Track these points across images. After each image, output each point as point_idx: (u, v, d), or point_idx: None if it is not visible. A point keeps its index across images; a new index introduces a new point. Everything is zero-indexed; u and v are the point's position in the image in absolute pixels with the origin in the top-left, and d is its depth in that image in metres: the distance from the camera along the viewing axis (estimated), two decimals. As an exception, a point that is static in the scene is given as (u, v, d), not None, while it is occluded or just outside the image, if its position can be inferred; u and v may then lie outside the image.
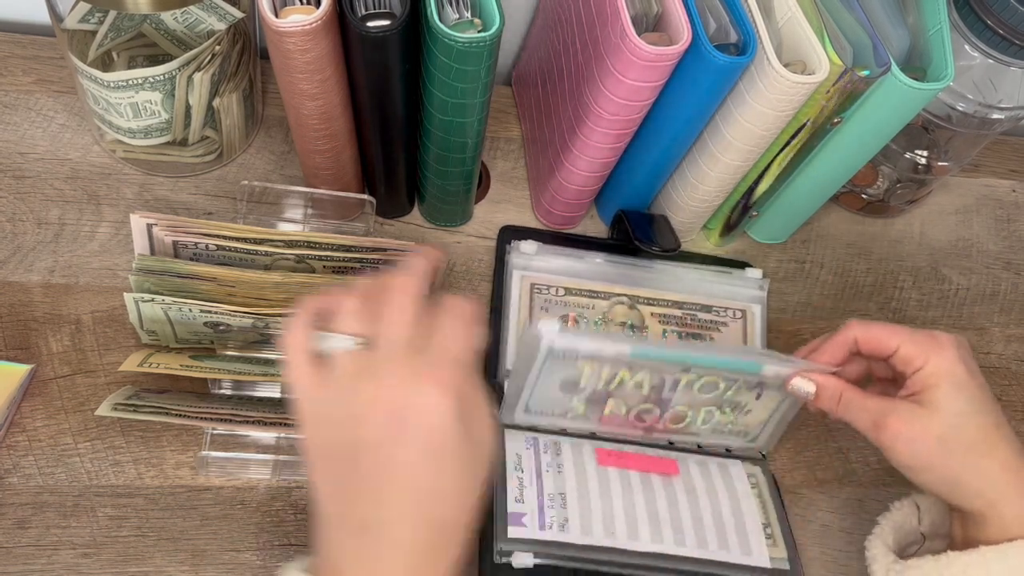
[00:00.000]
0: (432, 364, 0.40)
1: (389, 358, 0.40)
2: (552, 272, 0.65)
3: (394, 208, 0.68)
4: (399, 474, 0.40)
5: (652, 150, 0.61)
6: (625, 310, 0.64)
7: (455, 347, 0.41)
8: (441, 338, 0.41)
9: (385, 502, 0.40)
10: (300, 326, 0.42)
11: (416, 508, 0.40)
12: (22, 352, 0.58)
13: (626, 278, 0.65)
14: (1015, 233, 0.79)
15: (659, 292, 0.65)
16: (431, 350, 0.41)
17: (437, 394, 0.39)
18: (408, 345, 0.41)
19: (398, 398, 0.40)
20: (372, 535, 0.40)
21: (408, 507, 0.40)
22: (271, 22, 0.47)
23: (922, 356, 0.50)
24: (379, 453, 0.40)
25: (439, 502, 0.40)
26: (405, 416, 0.39)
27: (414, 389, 0.40)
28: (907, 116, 0.58)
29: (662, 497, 0.57)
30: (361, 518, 0.40)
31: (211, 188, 0.66)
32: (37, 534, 0.53)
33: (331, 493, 0.41)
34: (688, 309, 0.65)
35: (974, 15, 0.59)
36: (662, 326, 0.64)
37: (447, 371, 0.40)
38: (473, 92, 0.51)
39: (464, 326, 0.42)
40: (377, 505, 0.40)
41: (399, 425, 0.39)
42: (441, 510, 0.41)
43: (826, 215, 0.76)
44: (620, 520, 0.56)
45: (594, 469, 0.58)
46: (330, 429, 0.41)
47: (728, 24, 0.53)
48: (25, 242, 0.62)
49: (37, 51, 0.69)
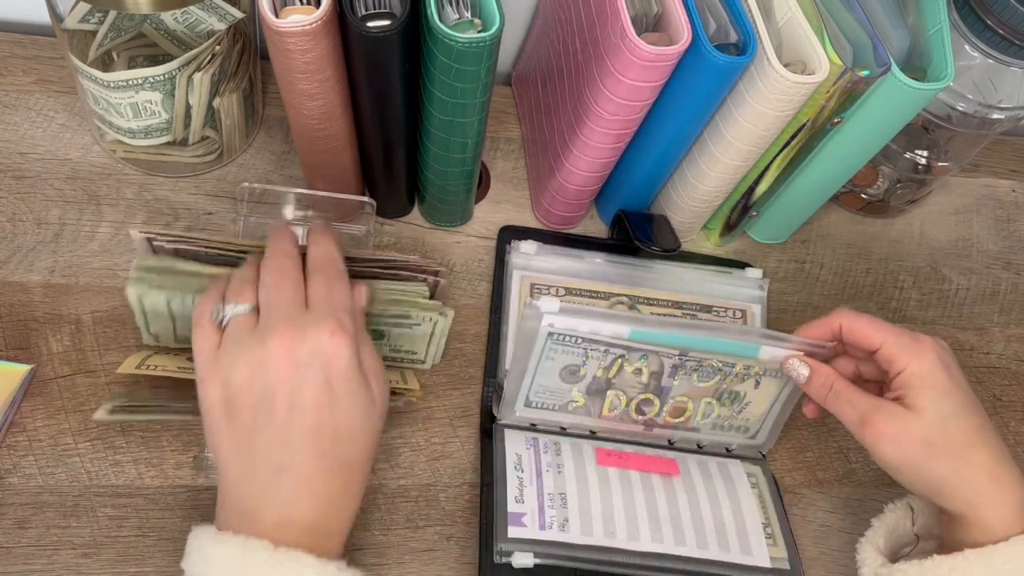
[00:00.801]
0: (319, 316, 0.45)
1: (281, 316, 0.45)
2: (552, 272, 0.65)
3: (394, 208, 0.68)
4: (305, 415, 0.44)
5: (652, 150, 0.61)
6: (625, 310, 0.64)
7: (337, 299, 0.46)
8: (325, 293, 0.46)
9: (295, 442, 0.44)
10: (207, 300, 0.47)
11: (321, 445, 0.44)
12: (22, 352, 0.58)
13: (626, 278, 0.65)
14: (1015, 233, 0.79)
15: (659, 292, 0.65)
16: (317, 305, 0.46)
17: (328, 341, 0.44)
18: (295, 304, 0.46)
19: (296, 347, 0.44)
20: (287, 474, 0.44)
21: (315, 445, 0.44)
22: (271, 22, 0.47)
23: (904, 358, 0.51)
24: (285, 398, 0.44)
25: (342, 441, 0.44)
26: (304, 361, 0.44)
27: (308, 336, 0.44)
28: (907, 116, 0.58)
29: (662, 497, 0.57)
30: (277, 461, 0.44)
31: (211, 188, 0.66)
32: (37, 534, 0.53)
33: (239, 446, 0.44)
34: (688, 309, 0.65)
35: (974, 15, 0.59)
36: None
37: (333, 320, 0.45)
38: (473, 92, 0.51)
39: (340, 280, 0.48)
40: (288, 445, 0.44)
41: (299, 370, 0.44)
42: (344, 448, 0.45)
43: (826, 215, 0.76)
44: (620, 520, 0.56)
45: (594, 469, 0.58)
46: (234, 386, 0.44)
47: (728, 24, 0.53)
48: (25, 242, 0.62)
49: (37, 51, 0.69)
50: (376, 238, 0.67)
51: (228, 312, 0.46)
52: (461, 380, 0.63)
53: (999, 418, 0.70)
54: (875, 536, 0.53)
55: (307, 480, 0.44)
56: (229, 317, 0.46)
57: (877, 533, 0.54)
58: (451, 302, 0.66)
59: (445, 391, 0.62)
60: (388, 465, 0.59)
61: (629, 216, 0.67)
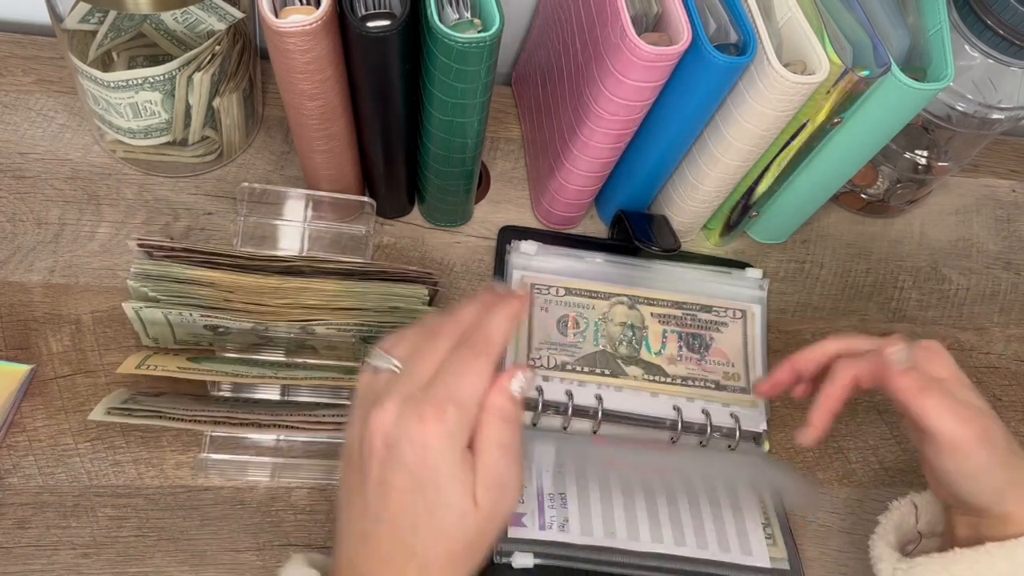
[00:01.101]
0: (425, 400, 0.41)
1: (398, 387, 0.42)
2: (552, 272, 0.65)
3: (394, 208, 0.68)
4: (389, 496, 0.42)
5: (652, 150, 0.61)
6: (625, 310, 0.64)
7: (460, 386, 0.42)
8: (451, 375, 0.42)
9: (379, 519, 0.42)
10: (383, 343, 0.46)
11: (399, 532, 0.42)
12: (22, 352, 0.58)
13: (626, 278, 0.66)
14: (1015, 233, 0.79)
15: (659, 292, 0.65)
16: (434, 385, 0.42)
17: (418, 428, 0.41)
18: (416, 379, 0.42)
19: (393, 428, 0.41)
20: (369, 547, 0.42)
21: (392, 529, 0.42)
22: (271, 22, 0.47)
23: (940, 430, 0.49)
24: (377, 472, 0.42)
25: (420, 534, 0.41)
26: (394, 442, 0.41)
27: (404, 417, 0.41)
28: (907, 116, 0.58)
29: (662, 497, 0.57)
30: (362, 529, 0.42)
31: (211, 188, 0.66)
32: (37, 534, 0.53)
33: (347, 495, 0.44)
34: (688, 309, 0.65)
35: (974, 15, 0.59)
36: (662, 326, 0.64)
37: (435, 408, 0.41)
38: (473, 92, 0.51)
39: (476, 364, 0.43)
40: (373, 519, 0.42)
41: (390, 450, 0.41)
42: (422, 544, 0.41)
43: (826, 215, 0.76)
44: (620, 520, 0.56)
45: (596, 468, 0.58)
46: (352, 437, 0.44)
47: (728, 24, 0.53)
48: (25, 242, 0.62)
49: (37, 51, 0.69)
50: (376, 238, 0.67)
51: (378, 362, 0.45)
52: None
53: (999, 418, 0.70)
54: (885, 532, 0.54)
55: (380, 556, 0.42)
56: (378, 367, 0.45)
57: (887, 529, 0.54)
58: (451, 303, 0.66)
59: (445, 391, 0.62)
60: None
61: (629, 216, 0.67)
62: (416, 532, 0.41)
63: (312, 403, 0.58)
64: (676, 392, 0.62)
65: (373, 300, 0.55)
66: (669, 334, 0.64)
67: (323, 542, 0.56)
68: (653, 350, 0.63)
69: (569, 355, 0.62)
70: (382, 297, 0.55)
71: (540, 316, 0.62)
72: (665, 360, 0.63)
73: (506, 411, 0.43)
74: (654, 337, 0.64)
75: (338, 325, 0.54)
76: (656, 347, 0.63)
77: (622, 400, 0.61)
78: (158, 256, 0.55)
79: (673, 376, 0.63)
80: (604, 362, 0.62)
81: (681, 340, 0.64)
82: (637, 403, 0.62)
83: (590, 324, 0.64)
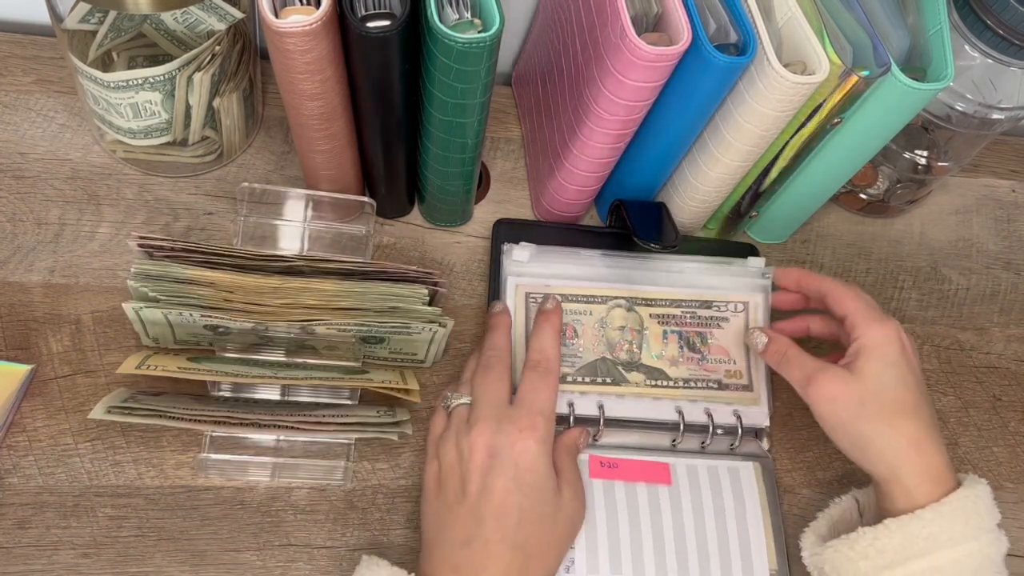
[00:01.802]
0: (518, 414, 0.53)
1: (484, 410, 0.53)
2: (548, 276, 0.64)
3: (394, 208, 0.68)
4: (493, 496, 0.50)
5: (652, 150, 0.61)
6: (623, 313, 0.64)
7: (539, 400, 0.54)
8: (530, 391, 0.54)
9: (483, 519, 0.50)
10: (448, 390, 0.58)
11: (504, 525, 0.50)
12: (22, 352, 0.58)
13: (623, 276, 0.64)
14: (1015, 233, 0.79)
15: (657, 291, 0.64)
16: (519, 403, 0.54)
17: (518, 436, 0.52)
18: (498, 400, 0.54)
19: (492, 439, 0.52)
20: (473, 548, 0.49)
21: (498, 523, 0.50)
22: (271, 22, 0.47)
23: (863, 327, 0.55)
24: (479, 481, 0.51)
25: (524, 526, 0.50)
26: (499, 452, 0.51)
27: (503, 431, 0.52)
28: (907, 116, 0.58)
29: (669, 527, 0.58)
30: (464, 535, 0.50)
31: (211, 188, 0.66)
32: (37, 534, 0.53)
33: (439, 517, 0.52)
34: (687, 307, 0.65)
35: (974, 15, 0.59)
36: (662, 327, 0.64)
37: (527, 419, 0.52)
38: (473, 92, 0.51)
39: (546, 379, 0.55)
40: (476, 522, 0.50)
41: (494, 460, 0.51)
42: (525, 534, 0.50)
43: (826, 215, 0.76)
44: (626, 555, 0.56)
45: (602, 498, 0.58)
46: (445, 466, 0.53)
47: (728, 24, 0.53)
48: (25, 242, 0.62)
49: (37, 51, 0.69)
50: (376, 238, 0.67)
51: (452, 402, 0.56)
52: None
53: (999, 418, 0.70)
54: (818, 526, 0.56)
55: (486, 553, 0.49)
56: (453, 407, 0.55)
57: (820, 523, 0.57)
58: (451, 302, 0.66)
59: (445, 391, 0.62)
60: (388, 465, 0.59)
61: (627, 207, 0.65)
62: (520, 526, 0.50)
63: (312, 403, 0.59)
64: (678, 396, 0.62)
65: (373, 300, 0.55)
66: (669, 335, 0.64)
67: (323, 542, 0.56)
68: (654, 353, 0.63)
69: (570, 365, 0.61)
70: (382, 297, 0.55)
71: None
72: (666, 362, 0.63)
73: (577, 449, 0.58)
74: (655, 339, 0.63)
75: (338, 325, 0.54)
76: (657, 350, 0.63)
77: (624, 408, 0.61)
78: (158, 256, 0.55)
79: (675, 379, 0.62)
80: (605, 370, 0.62)
81: (681, 340, 0.64)
82: (639, 408, 0.62)
83: (588, 331, 0.63)
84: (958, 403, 0.70)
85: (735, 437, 0.62)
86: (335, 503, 0.58)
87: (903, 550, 0.50)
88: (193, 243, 0.54)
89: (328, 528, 0.57)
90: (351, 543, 0.57)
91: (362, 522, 0.57)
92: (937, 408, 0.69)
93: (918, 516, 0.50)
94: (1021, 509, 0.66)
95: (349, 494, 0.58)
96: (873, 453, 0.53)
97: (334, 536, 0.57)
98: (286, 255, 0.55)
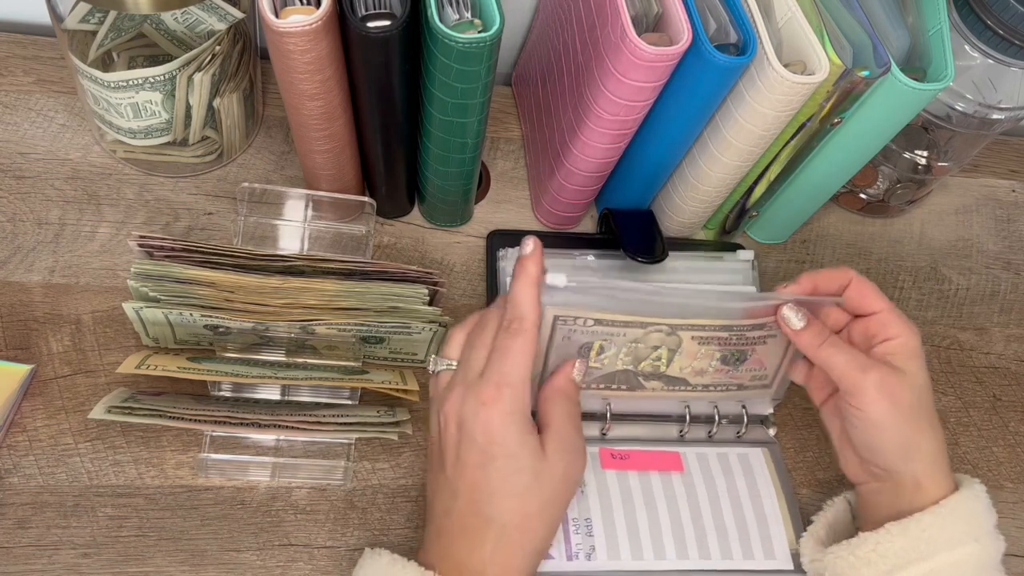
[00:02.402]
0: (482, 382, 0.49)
1: (460, 378, 0.50)
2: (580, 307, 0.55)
3: (394, 208, 0.68)
4: (465, 470, 0.49)
5: (652, 150, 0.61)
6: (662, 337, 0.57)
7: (506, 365, 0.49)
8: (498, 358, 0.49)
9: (458, 492, 0.49)
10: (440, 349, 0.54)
11: (476, 500, 0.48)
12: (22, 352, 0.58)
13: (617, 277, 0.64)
14: (1015, 233, 0.79)
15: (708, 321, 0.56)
16: (487, 370, 0.49)
17: (481, 407, 0.48)
18: (475, 367, 0.50)
19: (460, 410, 0.49)
20: (451, 519, 0.49)
21: (470, 498, 0.48)
22: (271, 22, 0.47)
23: (899, 327, 0.53)
24: (453, 453, 0.49)
25: (495, 500, 0.48)
26: (464, 424, 0.49)
27: (468, 401, 0.49)
28: (907, 116, 0.58)
29: (685, 508, 0.58)
30: (445, 506, 0.49)
31: (211, 188, 0.66)
32: (37, 534, 0.53)
33: (433, 481, 0.51)
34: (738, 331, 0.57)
35: (974, 15, 0.59)
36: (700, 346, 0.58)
37: (492, 387, 0.48)
38: (473, 92, 0.51)
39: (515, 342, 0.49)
40: (453, 495, 0.49)
41: (462, 432, 0.49)
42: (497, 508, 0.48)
43: (826, 215, 0.76)
44: (646, 539, 0.57)
45: (616, 486, 0.58)
46: (432, 433, 0.52)
47: (728, 24, 0.53)
48: (25, 242, 0.62)
49: (37, 51, 0.69)
50: (376, 238, 0.67)
51: (437, 366, 0.53)
52: (461, 380, 0.63)
53: (999, 418, 0.70)
54: (816, 529, 0.56)
55: (461, 525, 0.48)
56: (437, 370, 0.53)
57: (818, 527, 0.56)
58: (451, 302, 0.66)
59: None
60: (388, 465, 0.59)
61: (616, 216, 0.66)
62: (491, 500, 0.48)
63: (312, 403, 0.59)
64: (693, 397, 0.61)
65: (373, 300, 0.55)
66: (704, 352, 0.58)
67: (323, 542, 0.56)
68: (682, 366, 0.58)
69: (589, 376, 0.58)
70: (382, 297, 0.55)
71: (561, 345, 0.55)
72: (691, 372, 0.59)
73: (569, 391, 0.52)
74: (688, 355, 0.58)
75: (338, 325, 0.54)
76: (687, 363, 0.58)
77: (631, 404, 0.61)
78: (158, 256, 0.55)
79: (695, 385, 0.59)
80: (624, 379, 0.58)
81: (722, 356, 0.58)
82: (646, 404, 0.61)
83: (617, 347, 0.57)
84: (958, 403, 0.70)
85: (741, 425, 0.62)
86: (335, 503, 0.58)
87: (905, 553, 0.50)
88: (193, 243, 0.54)
89: (328, 528, 0.57)
90: (351, 543, 0.57)
91: (362, 522, 0.57)
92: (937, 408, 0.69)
93: (917, 520, 0.50)
94: (1021, 509, 0.66)
95: (349, 494, 0.58)
96: (917, 453, 0.52)
97: (334, 536, 0.57)
98: (286, 255, 0.55)
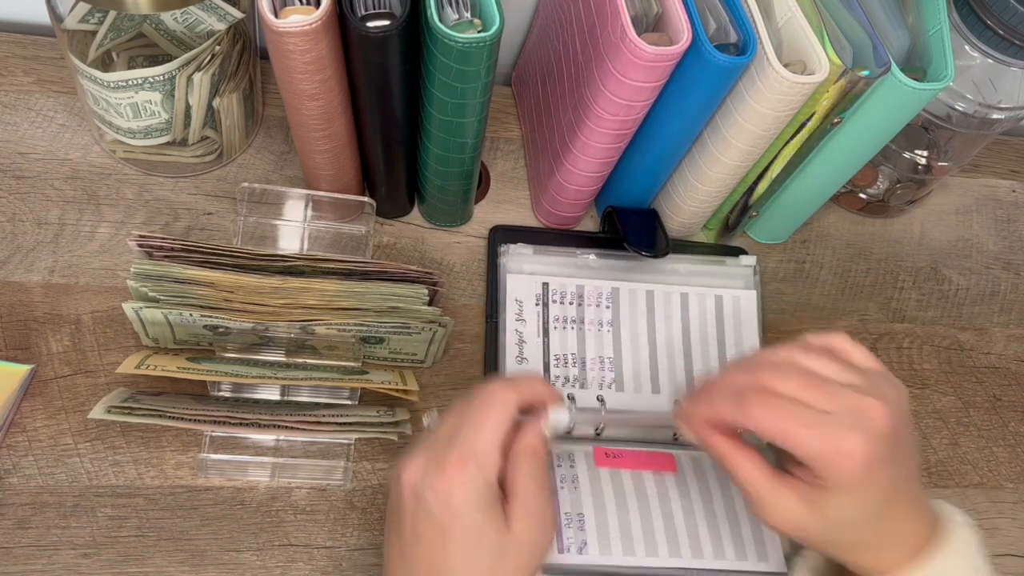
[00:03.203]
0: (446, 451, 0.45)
1: (428, 443, 0.46)
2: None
3: (394, 208, 0.68)
4: (420, 546, 0.45)
5: (652, 150, 0.61)
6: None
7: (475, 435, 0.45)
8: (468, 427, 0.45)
9: (417, 569, 0.45)
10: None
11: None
12: (22, 352, 0.58)
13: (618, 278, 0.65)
14: (1015, 233, 0.79)
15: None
16: (453, 438, 0.45)
17: (439, 478, 0.44)
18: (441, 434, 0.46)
19: (419, 481, 0.45)
20: None
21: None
22: (271, 22, 0.47)
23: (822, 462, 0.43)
24: (409, 523, 0.45)
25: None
26: (422, 496, 0.44)
27: (428, 472, 0.44)
28: (907, 116, 0.58)
29: (678, 508, 0.58)
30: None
31: (211, 188, 0.66)
32: (37, 534, 0.53)
33: (387, 553, 0.47)
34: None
35: (974, 15, 0.59)
36: None
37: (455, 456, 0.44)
38: (473, 92, 0.51)
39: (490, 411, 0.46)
40: (409, 569, 0.45)
41: (419, 502, 0.44)
42: None
43: (826, 215, 0.76)
44: (638, 536, 0.56)
45: (609, 483, 0.58)
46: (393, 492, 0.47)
47: (728, 24, 0.53)
48: (25, 242, 0.62)
49: (37, 51, 0.69)
50: (376, 238, 0.67)
51: (425, 421, 0.52)
52: (461, 380, 0.63)
53: (999, 418, 0.70)
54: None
55: None
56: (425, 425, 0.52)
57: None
58: (451, 302, 0.66)
59: (445, 391, 0.62)
60: (388, 465, 0.59)
61: (619, 214, 0.66)
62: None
63: (312, 403, 0.59)
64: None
65: (373, 300, 0.55)
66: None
67: (323, 542, 0.56)
68: None
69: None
70: (382, 297, 0.55)
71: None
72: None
73: (537, 451, 0.47)
74: None
75: (338, 325, 0.54)
76: None
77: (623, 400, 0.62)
78: (158, 256, 0.55)
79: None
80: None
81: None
82: (639, 401, 0.62)
83: None
84: (958, 403, 0.70)
85: None
86: (335, 503, 0.58)
87: None
88: (193, 243, 0.54)
89: (328, 528, 0.57)
90: (351, 543, 0.57)
91: (362, 522, 0.57)
92: (937, 408, 0.69)
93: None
94: (1021, 509, 0.66)
95: (349, 494, 0.58)
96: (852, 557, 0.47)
97: (334, 536, 0.57)
98: (286, 255, 0.55)
